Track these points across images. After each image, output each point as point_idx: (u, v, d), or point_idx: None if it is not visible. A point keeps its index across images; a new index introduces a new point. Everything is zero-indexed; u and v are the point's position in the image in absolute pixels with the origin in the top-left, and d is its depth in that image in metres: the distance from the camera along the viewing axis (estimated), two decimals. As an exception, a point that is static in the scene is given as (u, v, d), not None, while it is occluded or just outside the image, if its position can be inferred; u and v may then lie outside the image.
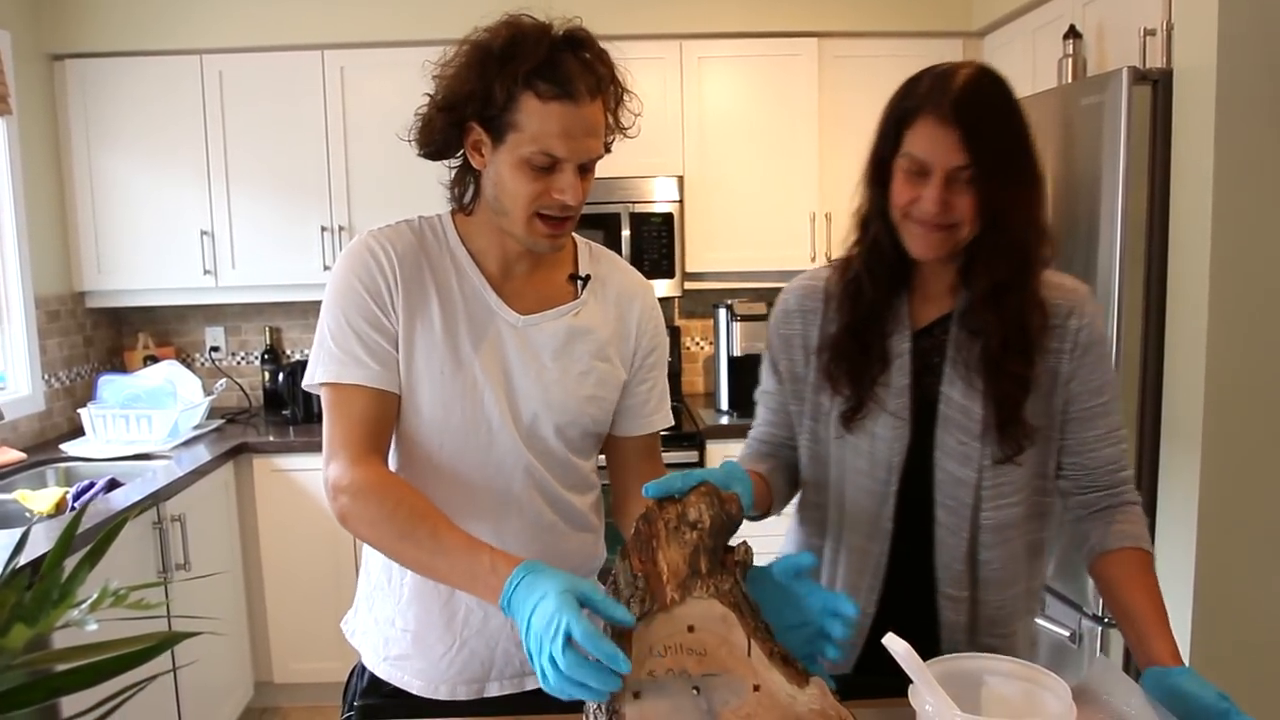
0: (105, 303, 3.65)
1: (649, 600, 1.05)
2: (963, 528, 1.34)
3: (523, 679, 1.41)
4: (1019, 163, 1.27)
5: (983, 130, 1.23)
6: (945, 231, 1.28)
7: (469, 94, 1.25)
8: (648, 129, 1.42)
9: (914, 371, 1.36)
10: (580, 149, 1.25)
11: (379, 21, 3.42)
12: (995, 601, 1.37)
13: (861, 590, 1.39)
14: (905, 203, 1.29)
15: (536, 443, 1.37)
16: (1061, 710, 1.02)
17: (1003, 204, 1.25)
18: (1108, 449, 1.36)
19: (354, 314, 1.31)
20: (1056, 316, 1.33)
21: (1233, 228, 2.10)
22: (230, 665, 3.21)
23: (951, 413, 1.33)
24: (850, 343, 1.38)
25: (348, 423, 1.29)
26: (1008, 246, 1.28)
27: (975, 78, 1.26)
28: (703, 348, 4.04)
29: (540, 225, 1.28)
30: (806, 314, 1.46)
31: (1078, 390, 1.34)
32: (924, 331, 1.38)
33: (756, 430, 1.54)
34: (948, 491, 1.35)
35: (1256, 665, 2.22)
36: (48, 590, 0.70)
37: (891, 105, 1.31)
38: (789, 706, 1.03)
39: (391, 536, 1.22)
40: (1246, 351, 2.15)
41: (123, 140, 3.49)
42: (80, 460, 3.13)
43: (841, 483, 1.42)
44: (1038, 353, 1.31)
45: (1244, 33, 2.07)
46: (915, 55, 3.52)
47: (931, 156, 1.25)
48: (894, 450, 1.36)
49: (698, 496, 1.12)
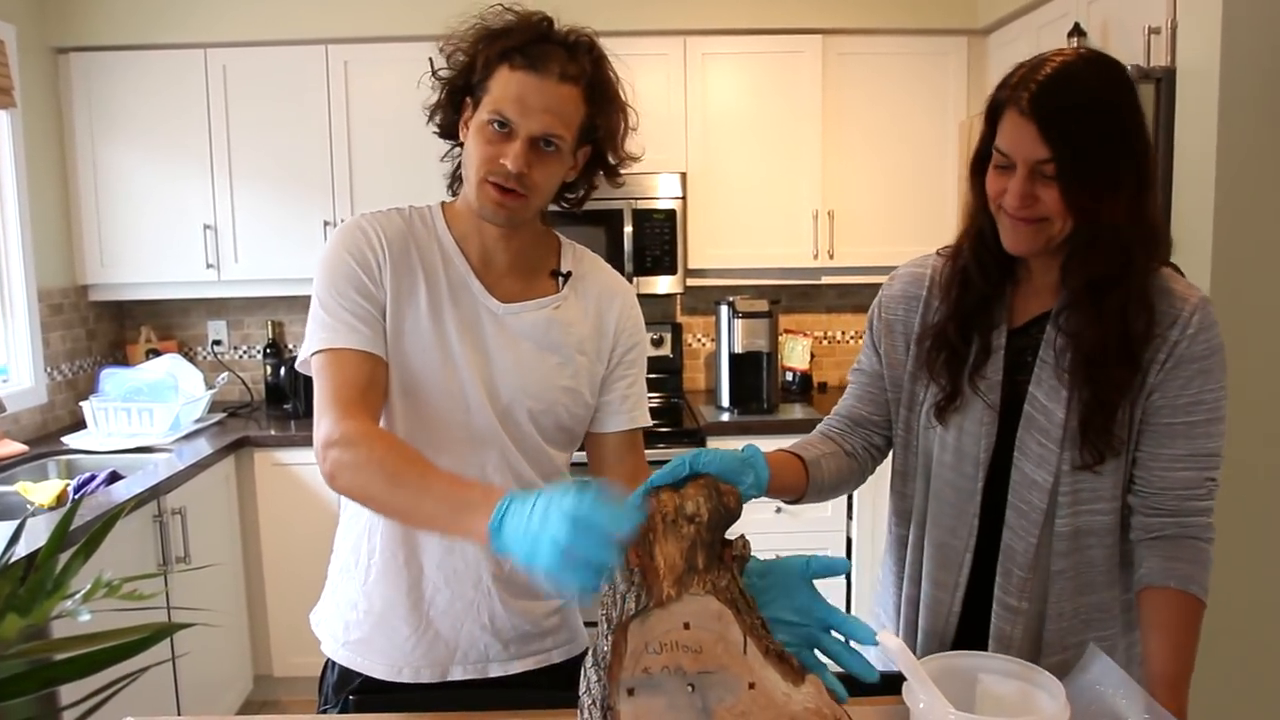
0: (108, 296, 3.65)
1: (645, 596, 1.04)
2: (1031, 532, 1.30)
3: (486, 665, 1.42)
4: (1108, 158, 1.21)
5: (1064, 124, 1.19)
6: (1034, 225, 1.25)
7: (462, 66, 1.33)
8: (651, 125, 1.43)
9: (1007, 368, 1.33)
10: (532, 119, 1.27)
11: (383, 16, 3.42)
12: (1069, 612, 1.31)
13: (947, 586, 1.37)
14: (995, 195, 1.27)
15: (511, 426, 1.39)
16: (1055, 709, 1.02)
17: (1090, 200, 1.20)
18: (1183, 473, 1.27)
19: (343, 283, 1.34)
20: (1160, 325, 1.26)
21: (1234, 225, 2.10)
22: (229, 658, 3.22)
23: (1034, 413, 1.30)
24: (952, 333, 1.36)
25: (338, 382, 1.29)
26: (1104, 243, 1.23)
27: (1065, 68, 1.22)
28: (704, 344, 4.03)
29: (490, 190, 1.30)
30: (910, 300, 1.44)
31: (1159, 403, 1.27)
32: (1023, 329, 1.35)
33: (841, 405, 1.52)
34: (1020, 494, 1.31)
35: (1242, 668, 2.22)
36: (42, 581, 0.71)
37: (987, 101, 1.29)
38: (784, 704, 1.03)
39: (379, 480, 1.20)
40: (1247, 347, 2.14)
41: (126, 134, 3.49)
42: (82, 453, 3.14)
43: (929, 475, 1.40)
44: (1139, 359, 1.26)
45: (1247, 32, 2.06)
46: (919, 53, 3.53)
47: (1014, 150, 1.23)
48: (981, 446, 1.34)
49: (695, 489, 1.11)
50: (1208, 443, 1.27)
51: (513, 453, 1.39)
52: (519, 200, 1.31)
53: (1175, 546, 1.27)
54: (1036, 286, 1.35)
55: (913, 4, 3.49)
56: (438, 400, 1.36)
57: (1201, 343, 1.26)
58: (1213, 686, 2.19)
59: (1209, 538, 1.28)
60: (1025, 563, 1.31)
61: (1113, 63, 1.26)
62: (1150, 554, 1.28)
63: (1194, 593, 1.25)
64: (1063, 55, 1.24)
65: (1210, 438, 1.27)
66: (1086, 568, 1.31)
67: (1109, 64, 1.25)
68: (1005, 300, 1.36)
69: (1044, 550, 1.31)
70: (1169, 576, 1.25)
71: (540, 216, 1.44)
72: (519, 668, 1.44)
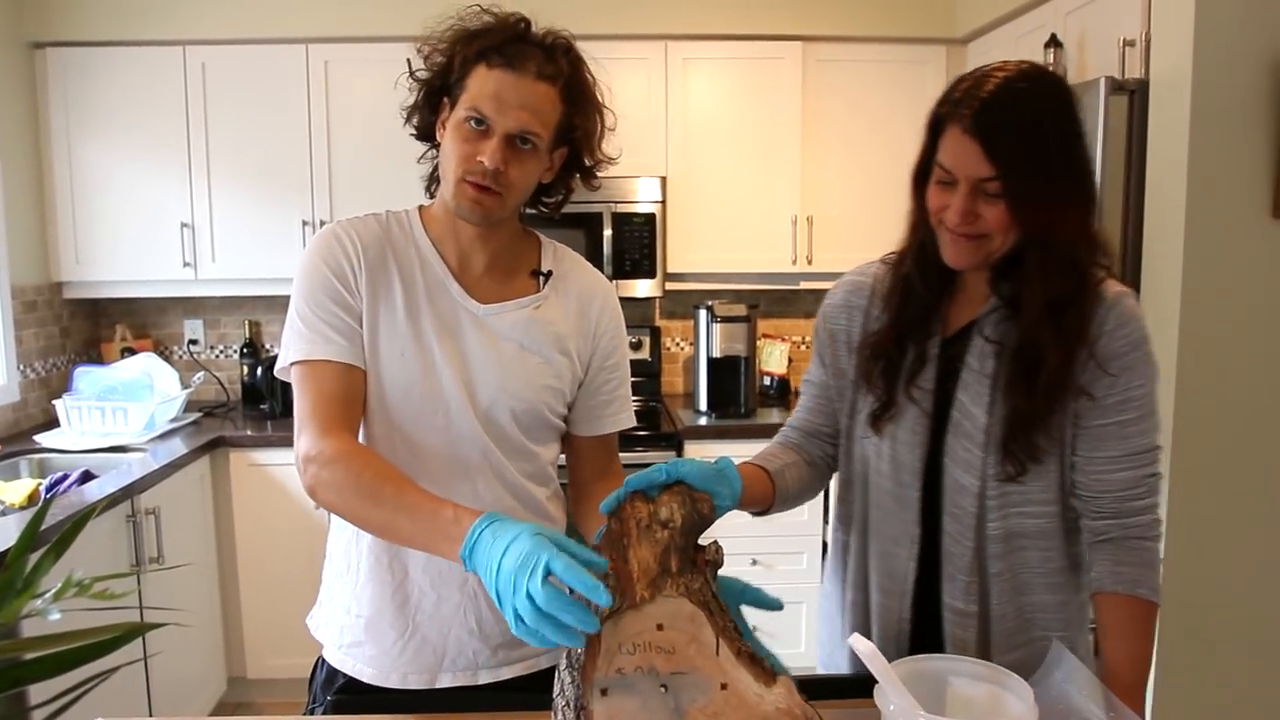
0: (83, 294, 3.62)
1: (619, 598, 1.05)
2: (966, 536, 1.31)
3: (475, 672, 1.42)
4: (1055, 174, 1.21)
5: (1008, 143, 1.18)
6: (975, 241, 1.25)
7: (440, 67, 1.33)
8: (631, 129, 1.44)
9: (940, 376, 1.34)
10: (509, 116, 1.27)
11: (363, 16, 3.41)
12: (1011, 613, 1.32)
13: (895, 594, 1.38)
14: (937, 210, 1.27)
15: (493, 427, 1.38)
16: (1024, 711, 1.03)
17: (1039, 217, 1.20)
18: (1120, 474, 1.27)
19: (320, 294, 1.33)
20: (1089, 324, 1.26)
21: (1204, 236, 2.13)
22: (203, 660, 3.20)
23: (961, 418, 1.31)
24: (890, 342, 1.36)
25: (317, 396, 1.30)
26: (1059, 263, 1.23)
27: (1008, 85, 1.21)
28: (683, 348, 4.04)
29: (467, 189, 1.30)
30: (851, 310, 1.45)
31: (1088, 405, 1.27)
32: (955, 337, 1.35)
33: (795, 418, 1.53)
34: (953, 499, 1.32)
35: (1223, 672, 2.26)
36: (12, 580, 0.70)
37: (933, 108, 1.28)
38: (756, 705, 1.04)
39: (357, 498, 1.21)
40: (1216, 358, 2.18)
41: (103, 131, 3.46)
42: (55, 452, 3.11)
43: (867, 483, 1.42)
44: (1076, 374, 1.25)
45: (1218, 45, 2.10)
46: (899, 61, 3.56)
47: (956, 167, 1.23)
48: (914, 455, 1.35)
49: (670, 495, 1.13)
50: (1142, 440, 1.27)
51: (495, 454, 1.39)
52: (495, 198, 1.31)
53: (1120, 549, 1.28)
54: (970, 295, 1.36)
55: (893, 12, 3.52)
56: (418, 405, 1.36)
57: (1121, 338, 1.25)
58: (1213, 686, 2.24)
59: (1154, 535, 1.28)
60: (965, 566, 1.31)
61: (1054, 78, 1.26)
62: (1098, 558, 1.29)
63: (1142, 595, 1.26)
64: (1005, 70, 1.23)
65: (1144, 434, 1.27)
66: (1022, 569, 1.32)
67: (1051, 80, 1.25)
68: (942, 310, 1.37)
69: (981, 553, 1.32)
70: (1117, 581, 1.26)
71: (518, 218, 1.45)
72: (508, 673, 1.43)
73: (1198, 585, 2.22)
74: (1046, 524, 1.31)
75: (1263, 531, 2.23)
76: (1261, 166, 2.12)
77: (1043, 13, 2.91)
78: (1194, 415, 2.18)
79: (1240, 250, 2.14)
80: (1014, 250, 1.26)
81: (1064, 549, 1.33)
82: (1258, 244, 2.14)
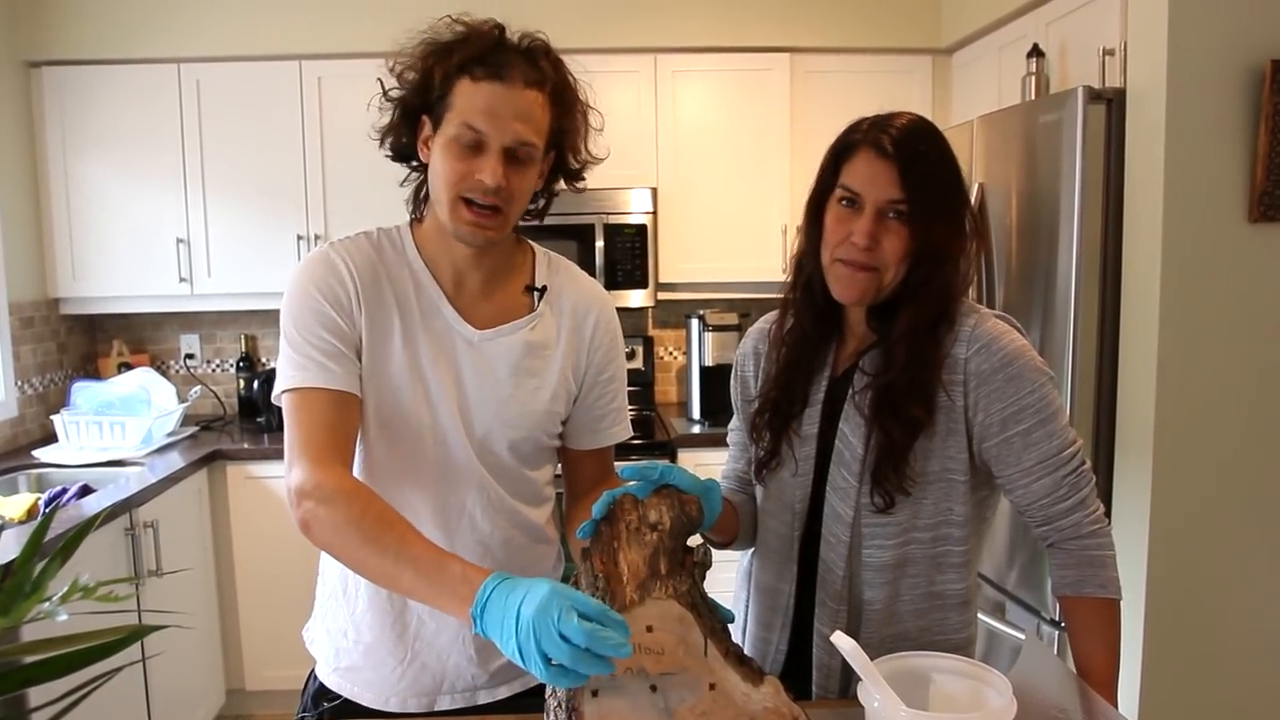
0: (80, 310, 3.64)
1: (609, 600, 1.07)
2: (839, 565, 1.32)
3: (474, 693, 1.41)
4: (951, 207, 1.29)
5: (919, 168, 1.26)
6: (869, 274, 1.28)
7: (416, 84, 1.29)
8: (622, 141, 1.45)
9: (824, 416, 1.36)
10: (505, 129, 1.23)
11: (357, 33, 3.44)
12: (875, 642, 1.30)
13: (774, 627, 1.41)
14: (836, 241, 1.29)
15: (489, 457, 1.36)
16: (1002, 704, 1.05)
17: (935, 244, 1.26)
18: (1039, 481, 1.27)
19: (311, 321, 1.29)
20: (944, 345, 1.29)
21: (1182, 241, 2.16)
22: (202, 672, 3.21)
23: (842, 448, 1.33)
24: (778, 391, 1.39)
25: (309, 426, 1.25)
26: (938, 288, 1.28)
27: (914, 121, 1.30)
28: (675, 357, 4.07)
29: (465, 212, 1.26)
30: (757, 357, 1.48)
31: (985, 423, 1.27)
32: (843, 376, 1.37)
33: (725, 468, 1.55)
34: (830, 527, 1.33)
35: (1208, 669, 2.28)
36: (20, 584, 0.73)
37: (833, 144, 1.34)
38: (744, 704, 1.06)
39: (356, 543, 1.16)
40: (1196, 360, 2.21)
41: (99, 147, 3.49)
42: (53, 467, 3.12)
43: (757, 523, 1.46)
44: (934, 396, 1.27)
45: (1192, 55, 2.13)
46: (885, 71, 3.59)
47: (866, 188, 1.27)
48: (796, 497, 1.38)
49: (659, 498, 1.16)
50: (1050, 444, 1.27)
51: (491, 484, 1.37)
52: (497, 219, 1.27)
53: (1060, 554, 1.30)
54: (855, 332, 1.38)
55: (879, 23, 3.56)
56: (414, 434, 1.33)
57: (995, 353, 1.27)
58: (1214, 686, 2.26)
59: (1090, 532, 1.28)
60: (835, 593, 1.33)
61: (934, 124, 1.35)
62: (1050, 564, 1.32)
63: (1088, 594, 1.28)
64: (904, 113, 1.32)
65: (1050, 437, 1.27)
66: (894, 599, 1.33)
67: (933, 124, 1.34)
68: (829, 351, 1.39)
69: (854, 581, 1.33)
70: (1064, 585, 1.30)
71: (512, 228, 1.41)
72: (505, 692, 1.42)
73: (1180, 585, 2.24)
74: (921, 553, 1.32)
75: (1243, 532, 2.25)
76: (1237, 172, 2.15)
77: (1025, 23, 2.95)
78: (1174, 418, 2.21)
79: (1218, 255, 2.17)
80: (896, 288, 1.30)
81: (932, 579, 1.33)
82: (1234, 248, 2.18)
